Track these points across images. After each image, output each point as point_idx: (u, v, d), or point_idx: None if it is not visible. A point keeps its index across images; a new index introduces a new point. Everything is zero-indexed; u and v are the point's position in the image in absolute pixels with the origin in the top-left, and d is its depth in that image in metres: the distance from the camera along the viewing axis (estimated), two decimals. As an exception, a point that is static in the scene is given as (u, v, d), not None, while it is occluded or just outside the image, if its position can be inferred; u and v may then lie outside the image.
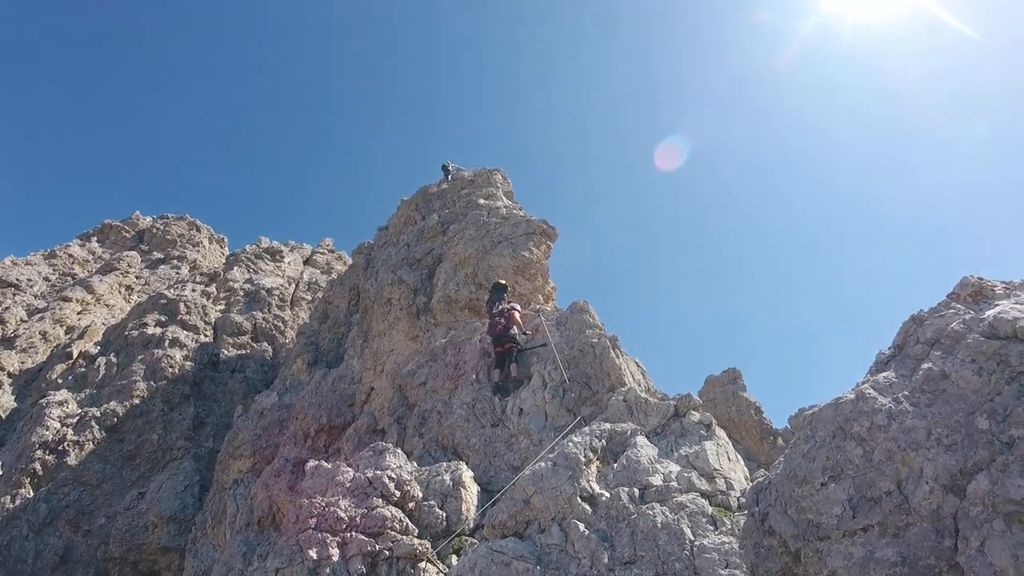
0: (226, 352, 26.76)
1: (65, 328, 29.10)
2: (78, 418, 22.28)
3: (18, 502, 19.97)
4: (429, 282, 17.55)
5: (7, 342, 27.66)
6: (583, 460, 8.06)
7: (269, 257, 34.88)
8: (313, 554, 8.11)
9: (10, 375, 26.43)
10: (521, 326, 12.71)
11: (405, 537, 8.41)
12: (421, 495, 9.28)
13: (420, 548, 8.21)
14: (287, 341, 28.03)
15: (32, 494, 20.23)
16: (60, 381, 24.73)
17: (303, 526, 8.70)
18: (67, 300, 30.49)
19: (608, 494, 7.43)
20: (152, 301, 29.00)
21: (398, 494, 9.13)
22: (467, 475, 9.80)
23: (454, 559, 8.27)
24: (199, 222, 43.73)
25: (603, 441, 8.51)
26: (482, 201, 19.91)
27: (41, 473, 20.64)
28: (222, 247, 44.01)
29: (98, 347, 26.96)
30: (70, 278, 35.19)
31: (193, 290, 30.35)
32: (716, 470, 7.61)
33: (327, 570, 7.95)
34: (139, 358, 24.96)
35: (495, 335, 12.54)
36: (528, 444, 10.48)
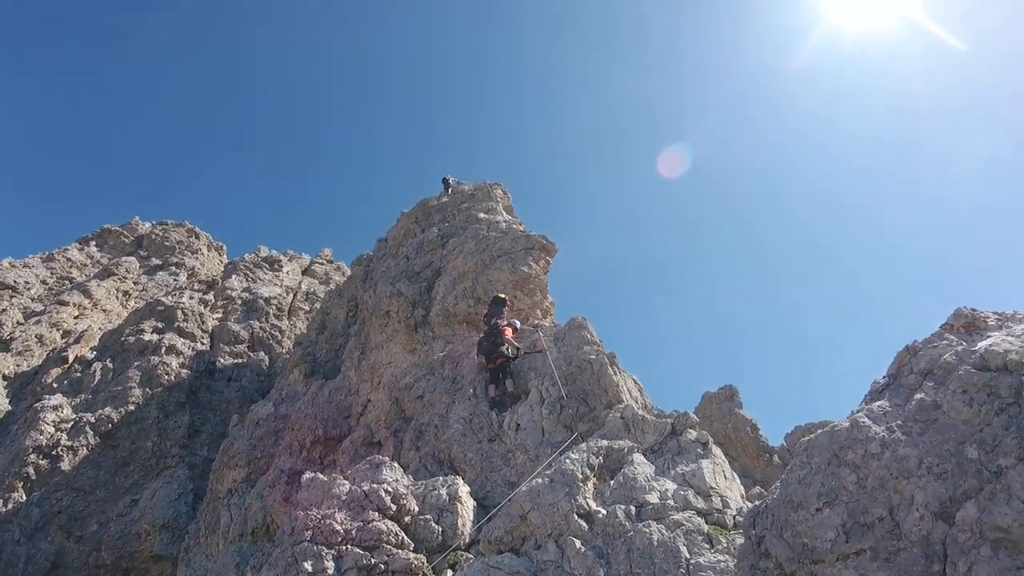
0: (222, 360, 26.73)
1: (61, 332, 29.05)
2: (72, 423, 22.20)
3: (11, 506, 19.87)
4: (428, 295, 17.64)
5: (3, 344, 27.59)
6: (580, 477, 8.12)
7: (267, 266, 34.92)
8: (308, 567, 8.12)
9: (5, 378, 26.34)
10: (512, 341, 12.77)
11: (401, 551, 8.43)
12: (417, 509, 9.31)
13: (416, 562, 8.24)
14: (284, 351, 28.02)
15: (25, 498, 20.12)
16: (55, 385, 24.67)
17: (299, 538, 8.71)
18: (64, 304, 30.45)
19: (605, 511, 7.49)
20: (149, 307, 29.00)
21: (394, 508, 9.16)
22: (463, 490, 9.84)
23: (449, 574, 8.30)
24: (198, 229, 43.71)
25: (600, 458, 8.58)
26: (482, 215, 20.06)
27: (34, 477, 20.54)
28: (221, 255, 44.01)
29: (94, 352, 26.92)
30: (68, 282, 35.14)
31: (191, 297, 30.36)
32: (712, 488, 7.68)
33: (322, 582, 7.97)
34: (135, 364, 24.92)
35: (485, 352, 12.62)
36: (525, 460, 10.53)
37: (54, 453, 21.10)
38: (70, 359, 26.34)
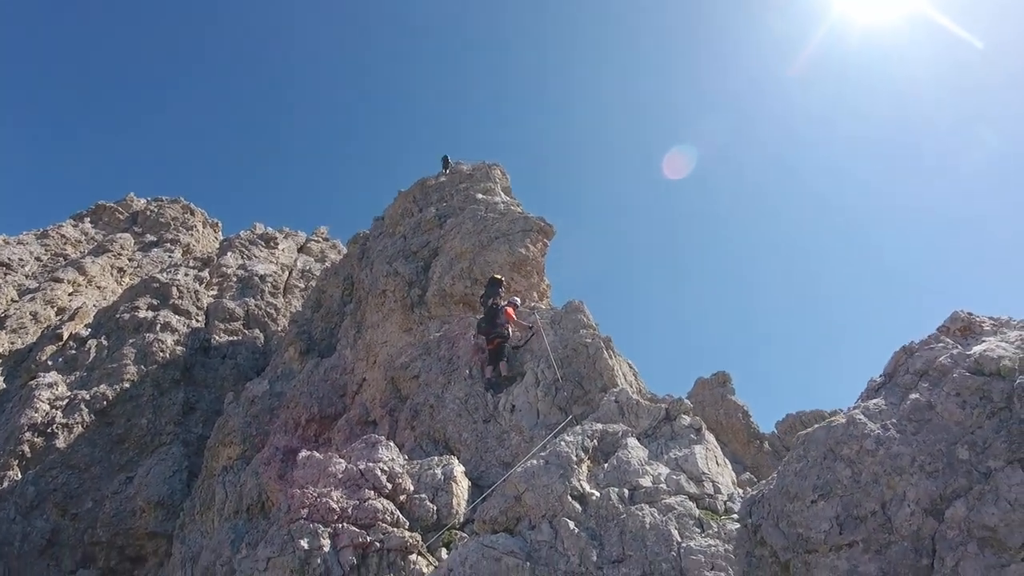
0: (217, 338, 26.72)
1: (56, 309, 28.95)
2: (67, 401, 22.23)
3: (6, 484, 19.95)
4: (424, 275, 17.59)
5: (-3, 321, 27.52)
6: (575, 459, 8.17)
7: (263, 243, 34.78)
8: (304, 544, 8.20)
9: (0, 355, 26.33)
10: (516, 322, 12.80)
11: (396, 529, 8.51)
12: (413, 488, 9.38)
13: (411, 541, 8.32)
14: (279, 329, 28.01)
15: (20, 476, 20.21)
16: (50, 363, 24.64)
17: (294, 516, 8.78)
18: (59, 281, 30.32)
19: (598, 494, 7.55)
20: (144, 284, 28.90)
21: (390, 487, 9.23)
22: (458, 469, 9.91)
23: (444, 552, 8.39)
24: (193, 206, 43.35)
25: (595, 441, 8.62)
26: (480, 196, 19.93)
27: (29, 455, 20.61)
28: (216, 232, 43.75)
29: (89, 329, 26.86)
30: (62, 259, 34.95)
31: (186, 274, 30.25)
32: (704, 474, 7.73)
33: (318, 560, 8.04)
34: (130, 342, 24.91)
35: (485, 331, 12.64)
36: (519, 441, 10.60)
37: (49, 431, 21.16)
38: (65, 336, 26.29)
